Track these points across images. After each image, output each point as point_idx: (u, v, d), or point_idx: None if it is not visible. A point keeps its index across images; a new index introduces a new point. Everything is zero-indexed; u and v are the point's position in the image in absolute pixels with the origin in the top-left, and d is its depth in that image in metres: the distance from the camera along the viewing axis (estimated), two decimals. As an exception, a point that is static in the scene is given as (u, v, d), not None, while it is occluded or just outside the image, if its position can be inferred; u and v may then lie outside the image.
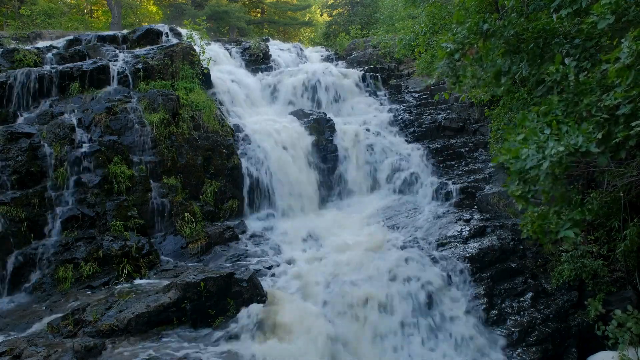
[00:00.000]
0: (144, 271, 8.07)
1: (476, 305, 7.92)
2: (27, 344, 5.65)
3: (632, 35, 4.16)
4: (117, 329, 6.26)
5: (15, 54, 11.01)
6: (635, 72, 4.00)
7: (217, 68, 13.98)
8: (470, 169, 12.17)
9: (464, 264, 8.47)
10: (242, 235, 9.73)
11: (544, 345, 7.54)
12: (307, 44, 27.84)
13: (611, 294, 7.91)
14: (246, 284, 7.16)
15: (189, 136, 10.53)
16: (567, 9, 5.14)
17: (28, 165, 8.43)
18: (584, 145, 3.47)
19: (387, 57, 18.60)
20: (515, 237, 9.12)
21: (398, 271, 8.20)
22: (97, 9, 30.58)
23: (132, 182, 9.19)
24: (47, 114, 9.69)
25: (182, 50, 12.20)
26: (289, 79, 15.12)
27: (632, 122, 3.87)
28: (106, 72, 11.05)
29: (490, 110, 10.40)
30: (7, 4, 23.48)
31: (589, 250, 8.17)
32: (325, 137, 12.59)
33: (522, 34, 5.55)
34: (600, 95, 4.25)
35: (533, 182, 3.65)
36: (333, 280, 7.95)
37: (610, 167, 6.37)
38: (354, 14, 31.23)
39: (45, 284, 7.57)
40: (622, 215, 7.57)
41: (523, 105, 7.06)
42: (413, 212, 10.78)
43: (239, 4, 32.69)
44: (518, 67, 5.52)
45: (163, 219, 9.30)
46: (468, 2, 8.03)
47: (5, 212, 7.76)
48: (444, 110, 14.70)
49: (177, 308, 6.65)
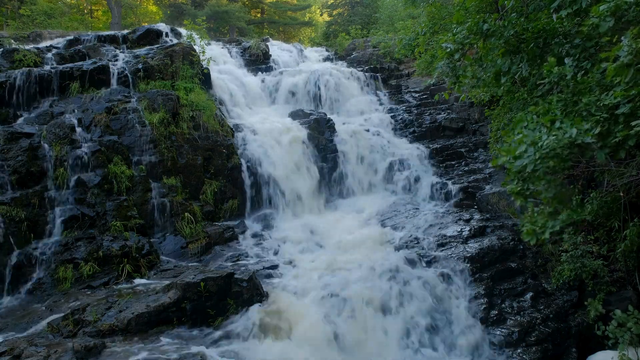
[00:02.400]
0: (144, 271, 8.07)
1: (476, 305, 7.91)
2: (27, 344, 5.65)
3: (632, 34, 4.16)
4: (117, 329, 6.25)
5: (15, 54, 11.02)
6: (634, 70, 4.00)
7: (217, 68, 13.99)
8: (470, 169, 12.17)
9: (464, 264, 8.46)
10: (242, 235, 9.74)
11: (544, 345, 7.53)
12: (307, 44, 27.85)
13: (611, 294, 7.90)
14: (246, 284, 7.16)
15: (189, 136, 10.53)
16: (567, 9, 5.14)
17: (28, 165, 8.43)
18: (579, 137, 3.49)
19: (387, 57, 18.61)
20: (515, 237, 9.12)
21: (398, 271, 8.20)
22: (97, 9, 30.60)
23: (132, 182, 9.19)
24: (47, 114, 9.70)
25: (182, 50, 12.20)
26: (289, 79, 15.13)
27: (632, 121, 3.87)
28: (106, 72, 11.05)
29: (490, 110, 10.40)
30: (7, 4, 23.49)
31: (589, 250, 8.16)
32: (325, 137, 12.59)
33: (522, 34, 5.55)
34: (600, 95, 4.25)
35: (531, 180, 3.66)
36: (333, 280, 7.95)
37: (610, 167, 6.37)
38: (354, 14, 31.24)
39: (45, 284, 7.57)
40: (622, 215, 7.56)
41: (523, 105, 7.05)
42: (413, 212, 10.78)
43: (239, 4, 32.70)
44: (518, 67, 5.52)
45: (163, 219, 9.30)
46: (468, 2, 8.03)
47: (5, 212, 7.77)
48: (444, 110, 14.70)
49: (177, 308, 6.65)
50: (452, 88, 7.09)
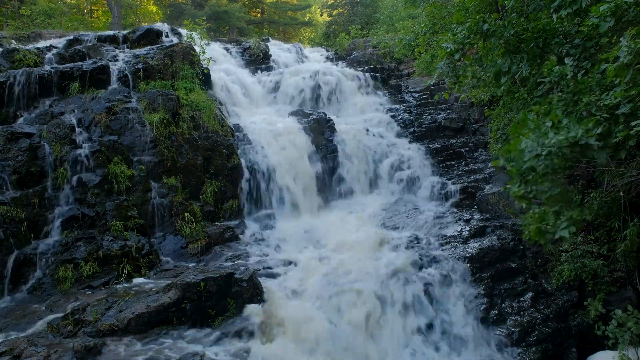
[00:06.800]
0: (144, 271, 8.06)
1: (476, 305, 7.92)
2: (27, 344, 5.64)
3: (631, 34, 4.16)
4: (117, 329, 6.25)
5: (15, 54, 11.01)
6: (633, 70, 4.00)
7: (217, 68, 13.98)
8: (470, 169, 12.17)
9: (464, 264, 8.46)
10: (242, 235, 9.74)
11: (544, 345, 7.54)
12: (307, 44, 27.87)
13: (611, 294, 7.90)
14: (246, 284, 7.16)
15: (189, 136, 10.53)
16: (567, 9, 5.14)
17: (28, 165, 8.43)
18: (583, 137, 3.49)
19: (387, 57, 18.62)
20: (515, 237, 9.12)
21: (398, 271, 8.20)
22: (97, 9, 30.59)
23: (132, 182, 9.19)
24: (47, 114, 9.69)
25: (182, 50, 12.20)
26: (289, 79, 15.13)
27: (632, 121, 3.88)
28: (106, 72, 11.04)
29: (490, 110, 10.40)
30: (7, 4, 23.49)
31: (589, 250, 8.17)
32: (325, 137, 12.59)
33: (522, 34, 5.55)
34: (600, 95, 4.25)
35: (534, 181, 3.66)
36: (333, 281, 7.95)
37: (610, 167, 6.37)
38: (354, 14, 31.26)
39: (45, 284, 7.56)
40: (622, 215, 7.56)
41: (523, 105, 7.05)
42: (413, 212, 10.78)
43: (239, 4, 32.70)
44: (518, 67, 5.52)
45: (163, 219, 9.30)
46: (468, 2, 8.03)
47: (5, 212, 7.76)
48: (444, 110, 14.71)
49: (177, 308, 6.64)
50: (452, 88, 7.09)
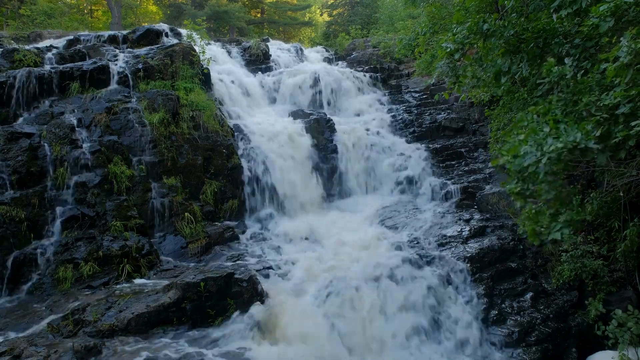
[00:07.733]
0: (144, 271, 8.06)
1: (476, 305, 7.92)
2: (27, 344, 5.65)
3: (631, 34, 4.16)
4: (117, 329, 6.25)
5: (15, 54, 11.01)
6: (633, 71, 4.00)
7: (217, 68, 13.98)
8: (470, 169, 12.17)
9: (464, 264, 8.46)
10: (242, 235, 9.74)
11: (544, 345, 7.53)
12: (307, 44, 27.87)
13: (611, 294, 7.90)
14: (246, 284, 7.16)
15: (189, 136, 10.53)
16: (567, 9, 5.14)
17: (28, 165, 8.43)
18: (583, 141, 3.48)
19: (387, 57, 18.61)
20: (515, 237, 9.12)
21: (398, 271, 8.20)
22: (97, 9, 30.59)
23: (132, 182, 9.19)
24: (47, 114, 9.69)
25: (182, 50, 12.20)
26: (289, 79, 15.13)
27: (632, 121, 3.87)
28: (106, 72, 11.04)
29: (490, 110, 10.40)
30: (7, 4, 23.49)
31: (589, 250, 8.16)
32: (325, 137, 12.59)
33: (522, 34, 5.55)
34: (600, 95, 4.25)
35: (531, 180, 3.65)
36: (333, 281, 7.94)
37: (610, 167, 6.37)
38: (354, 14, 31.24)
39: (45, 284, 7.57)
40: (622, 215, 7.56)
41: (523, 105, 7.05)
42: (413, 212, 10.78)
43: (239, 4, 32.69)
44: (518, 67, 5.52)
45: (163, 219, 9.30)
46: (468, 2, 8.03)
47: (5, 212, 7.76)
48: (444, 110, 14.70)
49: (177, 308, 6.65)
50: (452, 88, 7.09)
